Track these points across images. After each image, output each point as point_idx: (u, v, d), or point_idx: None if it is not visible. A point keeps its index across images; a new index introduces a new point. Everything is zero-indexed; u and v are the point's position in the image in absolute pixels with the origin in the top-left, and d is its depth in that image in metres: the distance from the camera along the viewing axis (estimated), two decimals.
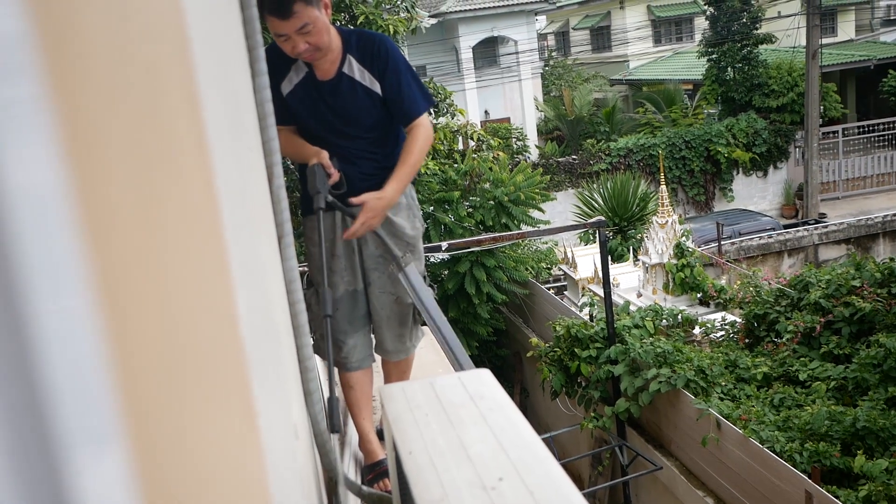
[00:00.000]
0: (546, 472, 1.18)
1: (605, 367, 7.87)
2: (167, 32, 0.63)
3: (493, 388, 1.51)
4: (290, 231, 1.92)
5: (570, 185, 20.67)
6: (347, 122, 2.75)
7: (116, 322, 0.44)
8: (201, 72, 0.69)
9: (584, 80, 27.81)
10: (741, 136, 21.22)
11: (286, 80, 2.72)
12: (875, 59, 22.82)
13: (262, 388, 0.94)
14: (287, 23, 2.46)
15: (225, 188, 0.76)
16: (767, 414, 6.64)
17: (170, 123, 0.62)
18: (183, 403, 0.59)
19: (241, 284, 0.80)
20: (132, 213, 0.49)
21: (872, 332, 7.28)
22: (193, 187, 0.67)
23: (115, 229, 0.46)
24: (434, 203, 11.40)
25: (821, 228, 16.59)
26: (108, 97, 0.47)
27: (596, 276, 10.98)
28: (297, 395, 1.91)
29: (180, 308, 0.61)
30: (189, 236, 0.65)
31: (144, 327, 0.51)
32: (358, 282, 2.88)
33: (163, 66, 0.61)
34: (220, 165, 0.74)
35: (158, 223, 0.56)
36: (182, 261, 0.62)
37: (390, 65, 2.69)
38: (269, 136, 1.77)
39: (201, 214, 0.69)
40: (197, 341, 0.66)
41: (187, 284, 0.63)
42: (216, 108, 0.81)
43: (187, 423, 0.60)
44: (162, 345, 0.54)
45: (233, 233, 0.78)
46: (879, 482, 5.44)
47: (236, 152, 1.13)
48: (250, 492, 0.80)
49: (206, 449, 0.65)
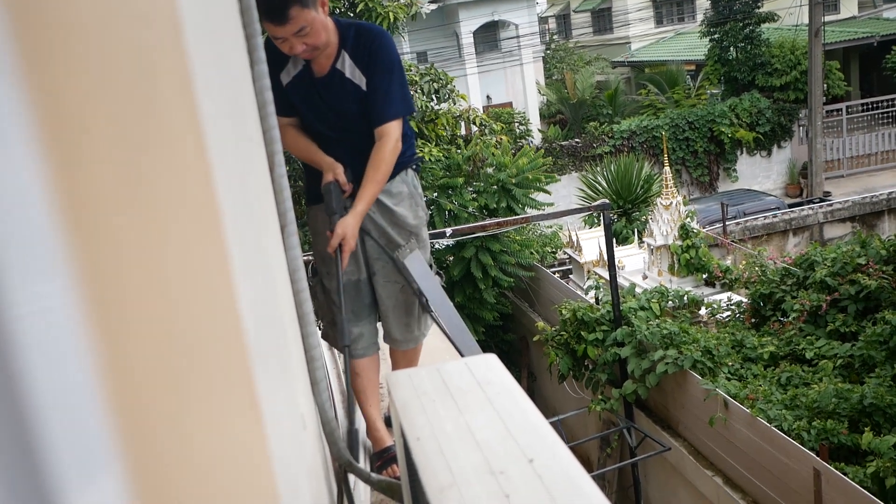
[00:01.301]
0: (554, 456, 1.18)
1: (612, 349, 7.87)
2: (159, 16, 0.62)
3: (500, 373, 1.51)
4: (293, 220, 1.91)
5: (574, 168, 20.64)
6: (340, 118, 2.72)
7: (107, 319, 0.43)
8: (196, 57, 0.68)
9: (586, 63, 27.70)
10: (744, 116, 21.13)
11: (285, 71, 2.70)
12: (878, 36, 22.65)
13: (267, 380, 0.93)
14: (283, 28, 2.43)
15: (223, 177, 0.75)
16: (775, 393, 6.63)
17: (163, 110, 0.60)
18: (183, 401, 0.58)
19: (242, 275, 0.79)
20: (123, 206, 0.48)
21: (878, 309, 7.27)
22: (189, 177, 0.66)
23: (104, 222, 0.45)
24: (438, 189, 11.38)
25: (825, 207, 16.53)
26: (96, 83, 0.46)
27: (601, 259, 10.96)
28: (304, 385, 1.91)
29: (178, 303, 0.60)
30: (186, 228, 0.64)
31: (139, 323, 0.50)
32: (361, 271, 2.88)
33: (155, 50, 0.59)
34: (217, 154, 0.73)
35: (152, 215, 0.55)
36: (179, 254, 0.61)
37: (376, 60, 2.62)
38: (270, 124, 1.76)
39: (198, 205, 0.68)
40: (196, 336, 0.65)
41: (185, 278, 0.62)
42: (213, 96, 0.79)
43: (189, 421, 0.59)
44: (159, 341, 0.53)
45: (232, 223, 0.77)
46: (887, 458, 5.45)
47: (236, 141, 1.12)
48: (257, 485, 0.80)
49: (210, 445, 0.64)
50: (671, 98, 22.90)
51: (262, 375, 0.88)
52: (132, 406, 0.47)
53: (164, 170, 0.60)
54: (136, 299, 0.50)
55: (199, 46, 0.71)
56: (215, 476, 0.65)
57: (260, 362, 0.88)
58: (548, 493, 1.09)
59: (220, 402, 0.72)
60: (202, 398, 0.65)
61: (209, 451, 0.64)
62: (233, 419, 0.76)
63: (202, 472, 0.61)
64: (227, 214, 0.77)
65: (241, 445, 0.76)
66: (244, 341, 0.80)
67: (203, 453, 0.62)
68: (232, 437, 0.74)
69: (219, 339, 0.74)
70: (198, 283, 0.67)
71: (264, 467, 0.81)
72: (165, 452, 0.52)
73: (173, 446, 0.55)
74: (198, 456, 0.60)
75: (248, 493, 0.77)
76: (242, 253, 0.90)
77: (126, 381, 0.47)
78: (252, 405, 0.78)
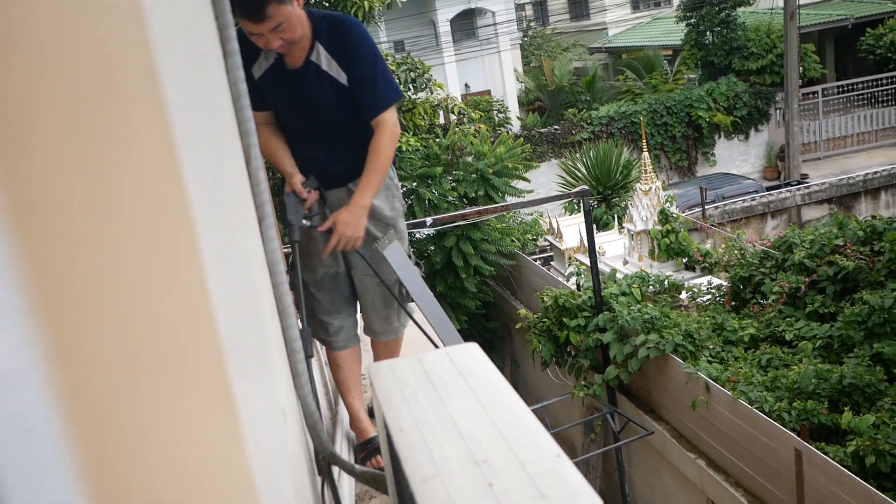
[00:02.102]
0: (537, 445, 1.17)
1: (594, 335, 7.91)
2: (118, 4, 0.60)
3: (481, 362, 1.50)
4: (270, 213, 1.89)
5: (553, 155, 20.66)
6: (316, 111, 2.69)
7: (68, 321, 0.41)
8: (161, 49, 0.66)
9: (564, 50, 27.71)
10: (722, 100, 21.24)
11: (257, 65, 2.66)
12: (853, 18, 22.81)
13: (244, 375, 0.92)
14: (261, 25, 2.41)
15: (194, 172, 0.73)
16: (755, 375, 6.69)
17: (124, 105, 0.58)
18: (152, 401, 0.56)
19: (214, 270, 0.77)
20: (80, 203, 0.46)
21: (856, 289, 7.34)
22: (155, 172, 0.64)
23: (60, 221, 0.43)
24: (417, 179, 11.35)
25: (803, 189, 16.67)
26: (48, 74, 0.44)
27: (582, 246, 11.00)
28: (286, 378, 1.89)
29: (145, 301, 0.59)
30: (150, 224, 0.62)
31: (102, 324, 0.49)
32: (339, 264, 2.87)
33: (113, 40, 0.57)
34: (187, 148, 0.71)
35: (114, 213, 0.53)
36: (142, 251, 0.59)
37: (357, 54, 2.60)
38: (245, 116, 1.73)
39: (165, 200, 0.67)
40: (166, 334, 0.63)
41: (149, 276, 0.61)
42: (182, 88, 0.77)
43: (159, 422, 0.58)
44: (124, 340, 0.52)
45: (204, 217, 0.75)
46: (867, 437, 5.51)
47: (209, 134, 1.10)
48: (234, 482, 0.79)
49: (182, 446, 0.63)
50: (649, 83, 22.97)
51: (237, 371, 0.86)
52: (96, 408, 0.46)
53: (127, 166, 0.58)
54: (99, 299, 0.49)
55: (164, 37, 0.69)
56: (188, 478, 0.63)
57: (235, 358, 0.87)
58: (531, 482, 1.08)
59: (193, 402, 0.70)
60: (173, 398, 0.64)
61: (181, 452, 0.63)
62: (207, 418, 0.74)
63: (174, 474, 0.59)
64: (198, 209, 0.76)
65: (216, 445, 0.75)
66: (217, 337, 0.79)
67: (175, 455, 0.61)
68: (206, 437, 0.72)
69: (190, 336, 0.73)
70: (166, 280, 0.65)
71: (241, 466, 0.80)
72: (132, 455, 0.50)
73: (142, 449, 0.54)
74: (169, 458, 0.59)
75: (224, 494, 0.75)
76: (216, 247, 0.88)
77: (89, 383, 0.45)
78: (227, 403, 0.77)
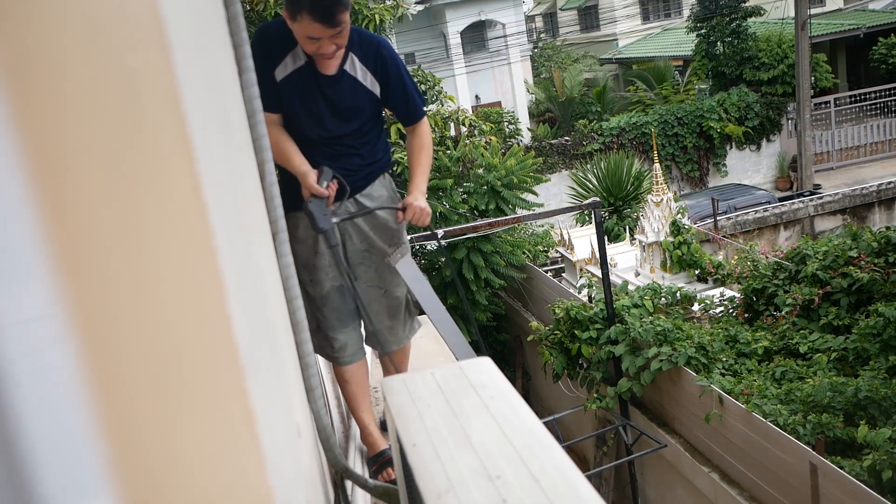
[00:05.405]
0: (550, 459, 1.18)
1: (606, 347, 7.88)
2: (147, 39, 0.62)
3: (494, 376, 1.51)
4: (284, 228, 1.91)
5: (564, 166, 20.65)
6: (341, 117, 2.73)
7: (96, 331, 0.43)
8: (184, 76, 0.68)
9: (574, 61, 27.74)
10: (733, 111, 21.19)
11: (281, 66, 2.65)
12: (864, 28, 22.74)
13: (261, 390, 0.93)
14: (331, 30, 2.45)
15: (213, 191, 0.75)
16: (769, 388, 6.65)
17: (152, 130, 0.61)
18: (175, 413, 0.58)
19: (233, 287, 0.79)
20: (113, 223, 0.48)
21: (871, 301, 7.28)
22: (179, 193, 0.66)
23: (93, 240, 0.45)
24: (428, 191, 11.35)
25: (816, 200, 16.58)
26: (85, 107, 0.46)
27: (593, 257, 10.98)
28: (300, 392, 1.90)
29: (168, 318, 0.60)
30: (176, 243, 0.64)
31: (128, 336, 0.50)
32: (344, 277, 2.87)
33: (144, 73, 0.60)
34: (207, 168, 0.73)
35: (142, 232, 0.55)
36: (169, 269, 0.61)
37: (393, 69, 2.77)
38: (259, 133, 1.76)
39: (188, 220, 0.68)
40: (188, 348, 0.65)
41: (175, 293, 0.63)
42: (202, 112, 0.79)
43: (181, 433, 0.59)
44: (148, 353, 0.54)
45: (223, 235, 0.77)
46: (883, 451, 5.46)
47: (225, 152, 1.12)
48: (253, 496, 0.80)
49: (204, 457, 0.64)
50: (659, 94, 22.95)
51: (254, 385, 0.88)
52: (122, 419, 0.47)
53: (154, 187, 0.60)
54: (126, 313, 0.50)
55: (187, 65, 0.71)
56: (209, 488, 0.65)
57: (252, 372, 0.88)
58: (545, 497, 1.09)
59: (213, 414, 0.72)
60: (194, 410, 0.65)
61: (203, 463, 0.64)
62: (226, 430, 0.76)
63: (196, 484, 0.61)
64: (218, 226, 0.78)
65: (235, 456, 0.76)
66: (236, 352, 0.80)
67: (197, 465, 0.62)
68: (226, 448, 0.74)
69: (210, 350, 0.74)
70: (189, 295, 0.67)
71: (259, 478, 0.81)
72: (157, 465, 0.52)
73: (165, 459, 0.55)
74: (191, 468, 0.60)
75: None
76: (233, 264, 0.90)
77: (115, 393, 0.47)
78: (245, 415, 0.78)
